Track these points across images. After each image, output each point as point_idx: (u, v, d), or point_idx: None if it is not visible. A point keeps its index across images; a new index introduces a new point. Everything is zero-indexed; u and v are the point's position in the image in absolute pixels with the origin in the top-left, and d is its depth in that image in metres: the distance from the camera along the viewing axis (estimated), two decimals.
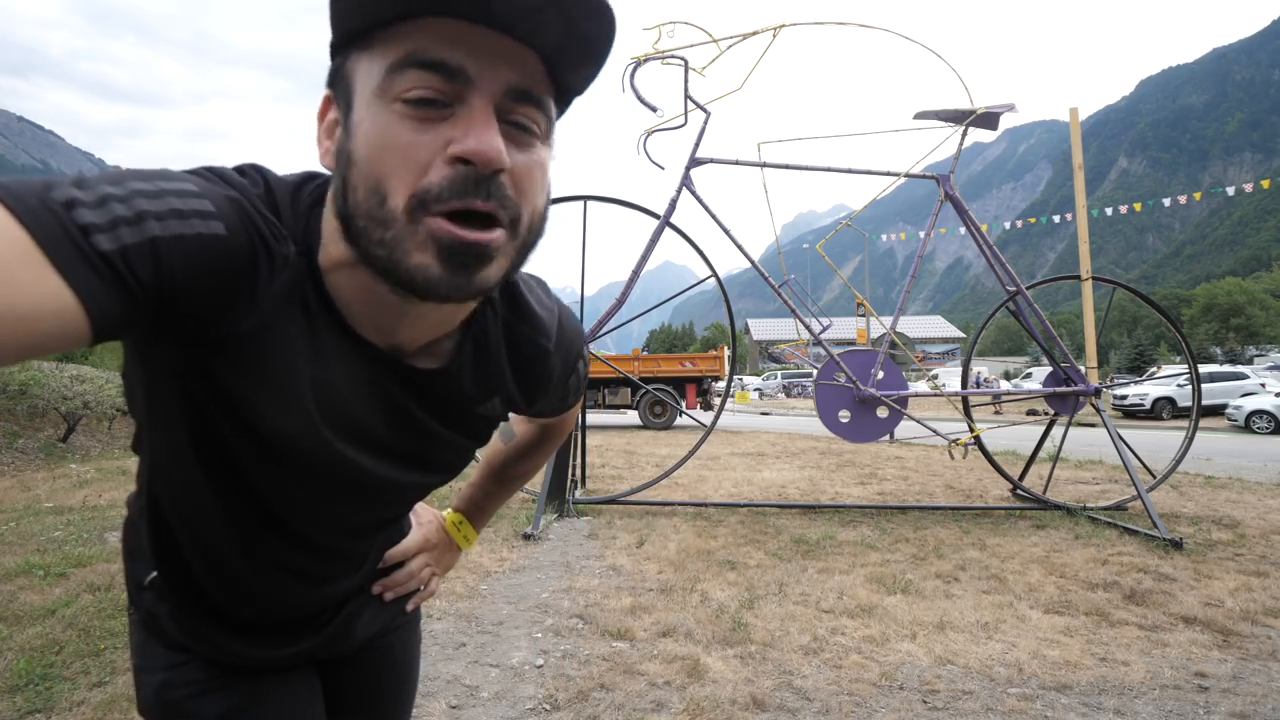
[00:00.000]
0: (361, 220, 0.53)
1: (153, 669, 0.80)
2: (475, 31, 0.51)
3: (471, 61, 0.52)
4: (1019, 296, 6.26)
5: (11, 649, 2.95)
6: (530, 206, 0.57)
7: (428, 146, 0.52)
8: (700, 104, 5.71)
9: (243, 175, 0.59)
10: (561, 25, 0.52)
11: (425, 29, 0.51)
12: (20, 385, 10.01)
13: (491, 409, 0.77)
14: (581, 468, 7.15)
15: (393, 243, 0.53)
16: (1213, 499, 6.64)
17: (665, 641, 3.16)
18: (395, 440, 0.71)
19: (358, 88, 0.54)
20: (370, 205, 0.52)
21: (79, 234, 0.43)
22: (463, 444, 0.78)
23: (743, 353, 70.73)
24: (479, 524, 1.08)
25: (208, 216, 0.50)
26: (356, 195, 0.53)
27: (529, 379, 0.78)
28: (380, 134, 0.52)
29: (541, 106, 0.56)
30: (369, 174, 0.52)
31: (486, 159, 0.51)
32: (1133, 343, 49.71)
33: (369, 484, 0.71)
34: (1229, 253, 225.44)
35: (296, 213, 0.60)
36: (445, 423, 0.73)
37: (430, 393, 0.69)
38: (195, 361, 0.59)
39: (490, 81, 0.52)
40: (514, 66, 0.53)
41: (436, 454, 0.76)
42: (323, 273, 0.60)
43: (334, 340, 0.62)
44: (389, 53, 0.52)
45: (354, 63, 0.54)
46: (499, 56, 0.53)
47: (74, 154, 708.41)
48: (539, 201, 0.58)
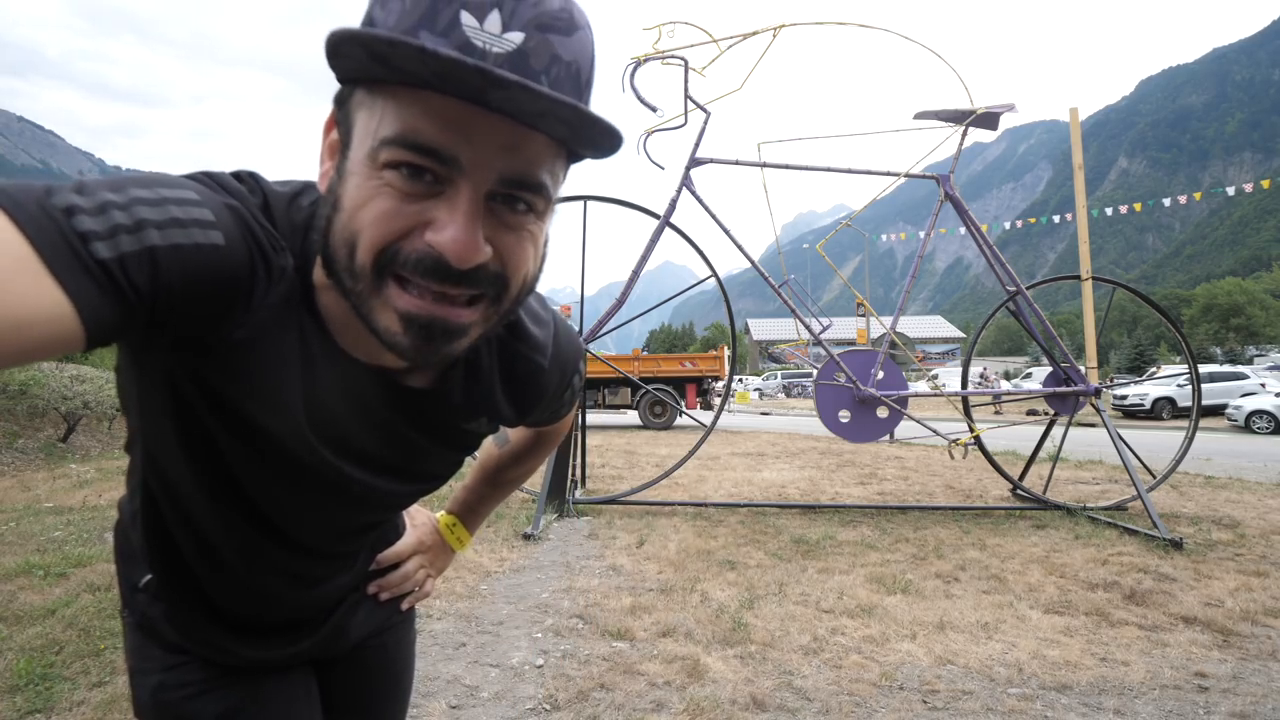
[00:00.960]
0: (336, 265, 0.54)
1: (148, 671, 0.80)
2: (477, 114, 0.49)
3: (466, 148, 0.50)
4: (1019, 296, 6.26)
5: (11, 649, 2.95)
6: (519, 278, 0.57)
7: (408, 217, 0.51)
8: (700, 104, 5.71)
9: (240, 182, 0.59)
10: (563, 128, 0.51)
11: (426, 102, 0.49)
12: (20, 385, 10.02)
13: (480, 425, 0.77)
14: (581, 468, 7.15)
15: (361, 296, 0.53)
16: (1213, 499, 6.64)
17: (665, 641, 3.16)
18: (382, 453, 0.71)
19: (356, 130, 0.53)
20: (343, 255, 0.53)
21: (78, 241, 0.43)
22: (450, 456, 0.79)
23: (743, 353, 70.72)
24: (472, 526, 1.08)
25: (207, 226, 0.50)
26: (334, 240, 0.53)
27: (522, 396, 0.78)
28: (364, 195, 0.51)
29: (539, 190, 0.54)
30: (346, 225, 0.52)
31: (459, 257, 0.51)
32: (1133, 343, 49.72)
33: (355, 492, 0.72)
34: (1229, 253, 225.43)
35: (292, 224, 0.60)
36: (432, 438, 0.73)
37: (418, 410, 0.70)
38: (188, 366, 0.59)
39: (483, 170, 0.51)
40: (512, 151, 0.52)
41: (424, 466, 0.77)
42: (315, 289, 0.61)
43: (325, 353, 0.62)
44: (387, 118, 0.50)
45: (358, 100, 0.53)
46: (497, 142, 0.51)
47: (74, 154, 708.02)
48: (527, 271, 0.58)
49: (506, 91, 0.46)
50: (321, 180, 0.57)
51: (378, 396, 0.66)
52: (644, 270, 6.13)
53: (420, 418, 0.71)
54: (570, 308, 15.12)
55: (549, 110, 0.48)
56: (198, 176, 0.56)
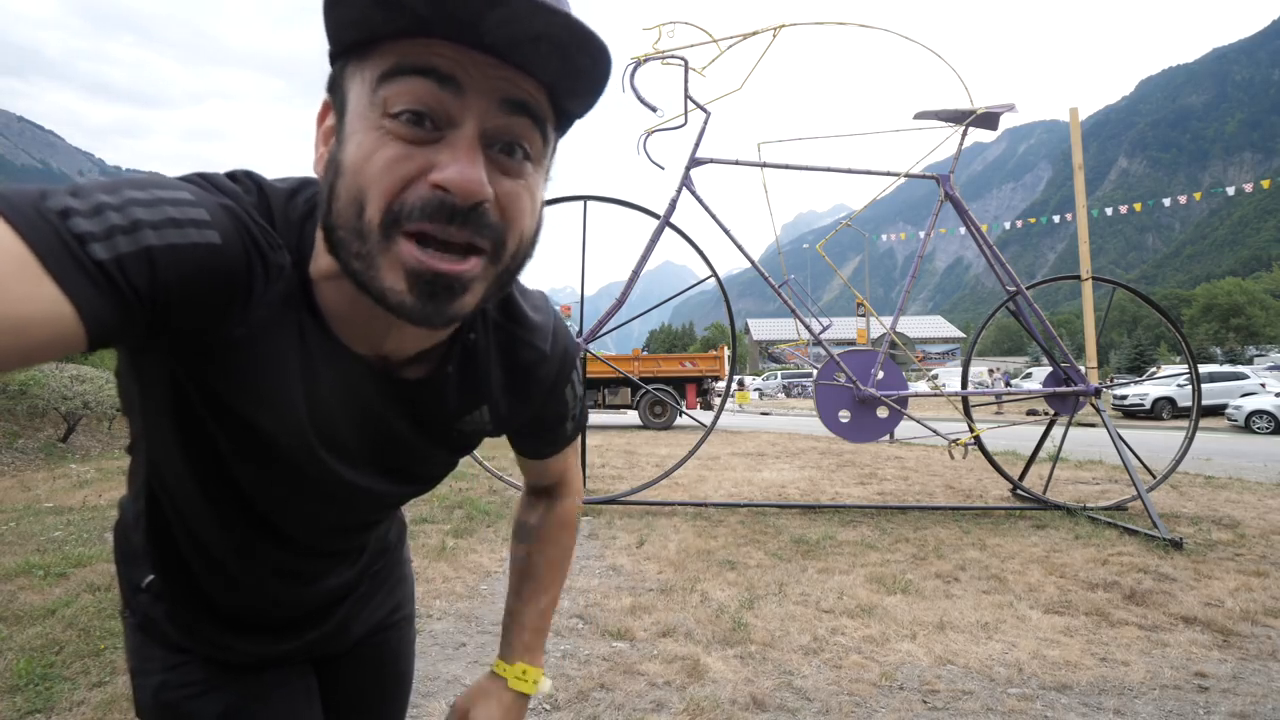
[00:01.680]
0: (341, 231, 0.53)
1: (150, 671, 0.81)
2: (470, 53, 0.51)
3: (463, 72, 0.51)
4: (1019, 296, 6.26)
5: (11, 649, 2.95)
6: (517, 232, 0.56)
7: (411, 165, 0.51)
8: (700, 104, 5.71)
9: (235, 181, 0.59)
10: (556, 59, 0.52)
11: (420, 45, 0.51)
12: (20, 385, 10.02)
13: (476, 421, 0.76)
14: (582, 468, 7.14)
15: (367, 257, 0.53)
16: (1213, 499, 6.64)
17: (665, 641, 3.16)
18: (380, 451, 0.71)
19: (352, 97, 0.53)
20: (349, 215, 0.52)
21: (75, 243, 0.43)
22: (446, 456, 0.78)
23: (743, 353, 70.72)
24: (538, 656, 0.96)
25: (203, 225, 0.50)
26: (339, 204, 0.53)
27: (522, 384, 0.77)
28: (367, 147, 0.52)
29: (537, 121, 0.55)
30: (352, 184, 0.52)
31: (466, 191, 0.51)
32: (1133, 343, 49.73)
33: (348, 490, 0.72)
34: (1229, 253, 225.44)
35: (289, 221, 0.60)
36: (430, 435, 0.73)
37: (414, 404, 0.69)
38: (188, 365, 0.59)
39: (483, 92, 0.52)
40: (509, 85, 0.53)
41: (415, 466, 0.76)
42: (313, 283, 0.61)
43: (324, 349, 0.62)
44: (382, 62, 0.52)
45: (351, 71, 0.54)
46: (492, 77, 0.52)
47: (74, 154, 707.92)
48: (526, 227, 0.57)
49: (504, 8, 0.47)
50: (317, 164, 0.57)
51: (378, 390, 0.66)
52: (644, 270, 6.13)
53: (417, 412, 0.70)
54: (570, 308, 15.11)
55: (544, 30, 0.49)
56: (192, 178, 0.56)
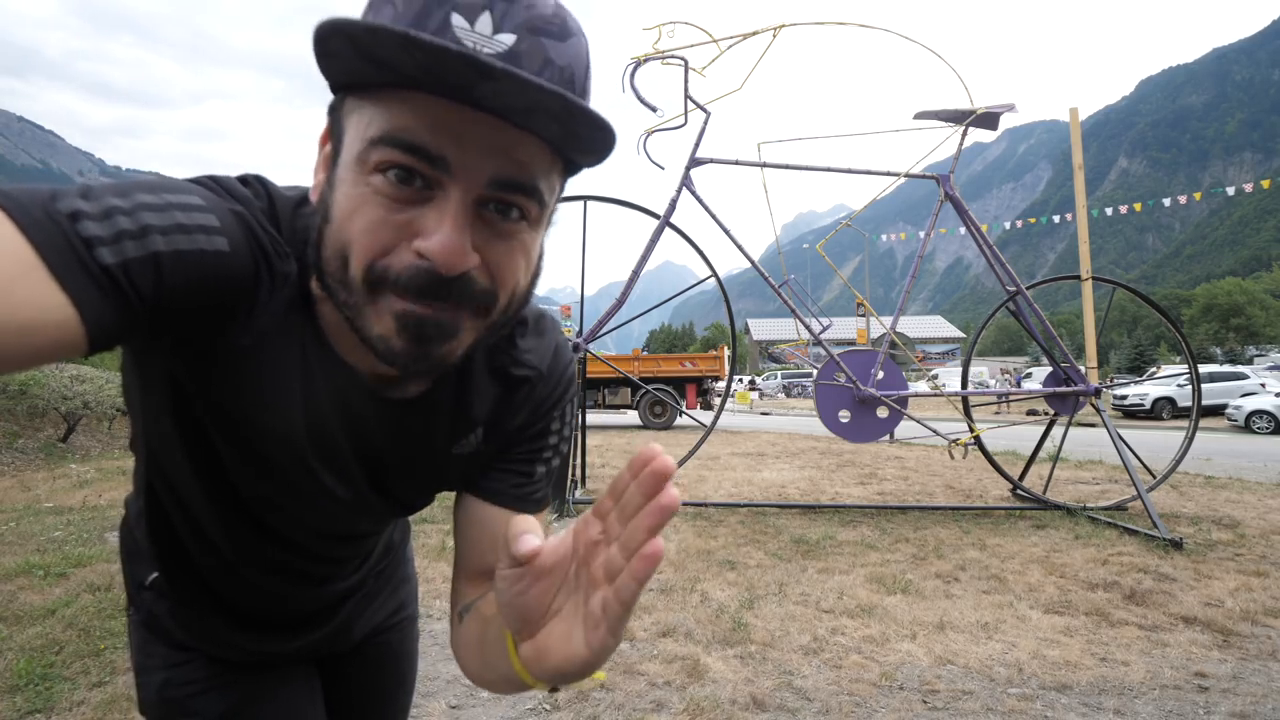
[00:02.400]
0: (329, 278, 0.53)
1: (154, 669, 0.81)
2: (466, 115, 0.48)
3: (455, 149, 0.49)
4: (1019, 296, 6.26)
5: (11, 649, 2.95)
6: (507, 292, 0.55)
7: (396, 228, 0.50)
8: (700, 104, 5.71)
9: (247, 186, 0.59)
10: (555, 125, 0.49)
11: (414, 102, 0.48)
12: (20, 385, 10.02)
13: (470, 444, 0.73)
14: (581, 468, 7.15)
15: (355, 308, 0.52)
16: (1213, 499, 6.64)
17: (665, 641, 3.16)
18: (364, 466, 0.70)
19: (347, 138, 0.52)
20: (335, 266, 0.52)
21: (82, 246, 0.43)
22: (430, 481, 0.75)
23: (743, 353, 70.73)
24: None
25: (211, 232, 0.50)
26: (326, 251, 0.53)
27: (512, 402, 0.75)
28: (354, 201, 0.50)
29: (532, 193, 0.53)
30: (338, 237, 0.52)
31: (448, 263, 0.49)
32: (1133, 343, 49.75)
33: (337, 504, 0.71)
34: (1229, 253, 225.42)
35: (295, 230, 0.60)
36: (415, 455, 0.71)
37: (405, 422, 0.68)
38: (189, 368, 0.59)
39: (472, 173, 0.50)
40: (503, 154, 0.50)
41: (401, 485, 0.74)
42: (315, 298, 0.60)
43: (318, 360, 0.62)
44: (376, 119, 0.50)
45: (349, 107, 0.52)
46: (488, 144, 0.50)
47: (74, 154, 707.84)
48: (517, 284, 0.56)
49: (495, 84, 0.45)
50: (314, 192, 0.56)
51: (371, 406, 0.66)
52: (644, 270, 6.13)
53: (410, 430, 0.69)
54: (570, 308, 15.11)
55: (539, 104, 0.47)
56: (203, 181, 0.56)
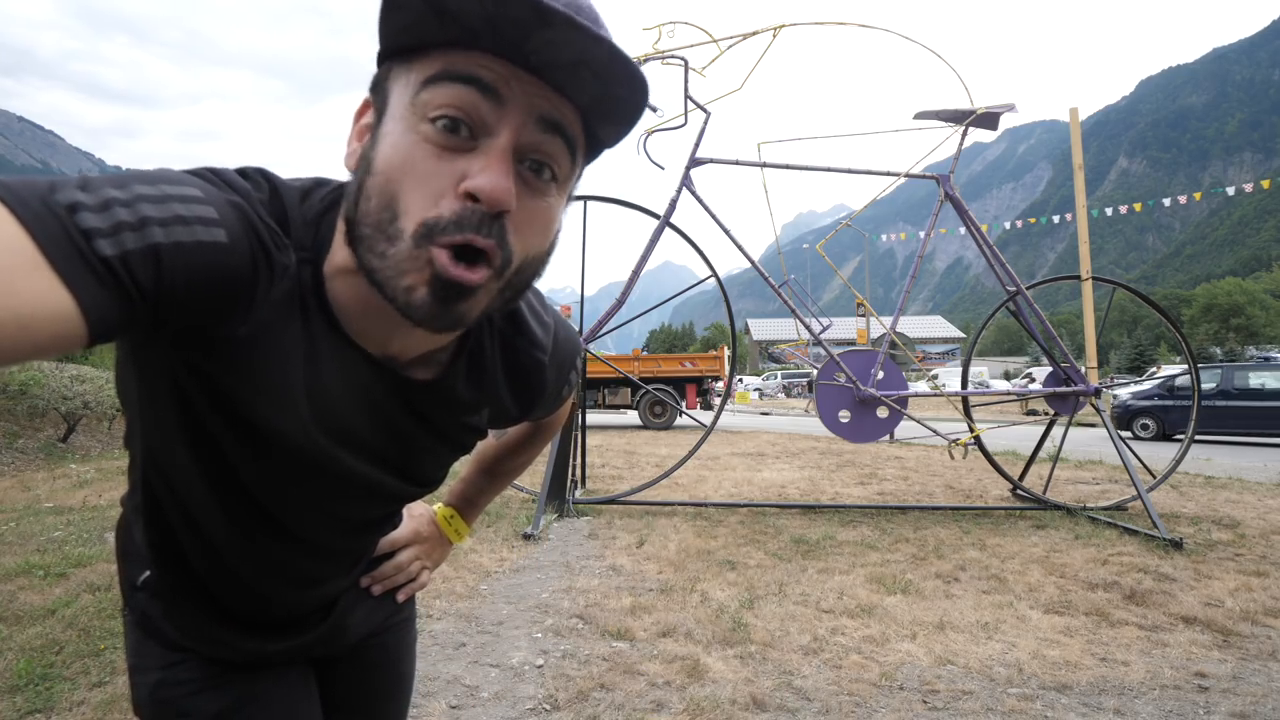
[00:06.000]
0: (367, 228, 0.54)
1: (148, 668, 0.80)
2: (512, 68, 0.53)
3: (505, 85, 0.53)
4: (1019, 296, 6.26)
5: (11, 649, 2.95)
6: (524, 251, 0.57)
7: (444, 177, 0.53)
8: (700, 104, 5.71)
9: (246, 178, 0.59)
10: (595, 85, 0.54)
11: (465, 55, 0.53)
12: (20, 385, 10.01)
13: (480, 421, 0.78)
14: (581, 468, 7.15)
15: (393, 259, 0.53)
16: (1213, 499, 6.64)
17: (665, 641, 3.16)
18: (383, 448, 0.71)
19: (393, 99, 0.55)
20: (381, 218, 0.53)
21: (81, 238, 0.43)
22: (446, 456, 0.79)
23: (743, 353, 70.72)
24: (470, 518, 1.09)
25: (210, 223, 0.50)
26: (369, 203, 0.54)
27: (524, 391, 0.79)
28: (403, 153, 0.53)
29: (569, 143, 0.57)
30: (384, 187, 0.53)
31: (494, 199, 0.52)
32: (1133, 343, 49.75)
33: (352, 485, 0.72)
34: (1229, 253, 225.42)
35: (305, 218, 0.61)
36: (431, 433, 0.74)
37: (421, 403, 0.70)
38: (189, 361, 0.59)
39: (521, 108, 0.54)
40: (547, 100, 0.55)
41: (418, 463, 0.77)
42: (326, 278, 0.61)
43: (330, 345, 0.62)
44: (428, 67, 0.54)
45: (396, 73, 0.56)
46: (533, 89, 0.54)
47: (74, 154, 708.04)
48: (537, 246, 0.58)
49: (552, 32, 0.49)
50: (349, 160, 0.58)
51: (382, 388, 0.67)
52: (644, 270, 6.13)
53: (424, 411, 0.71)
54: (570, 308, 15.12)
55: (587, 56, 0.51)
56: (202, 173, 0.56)
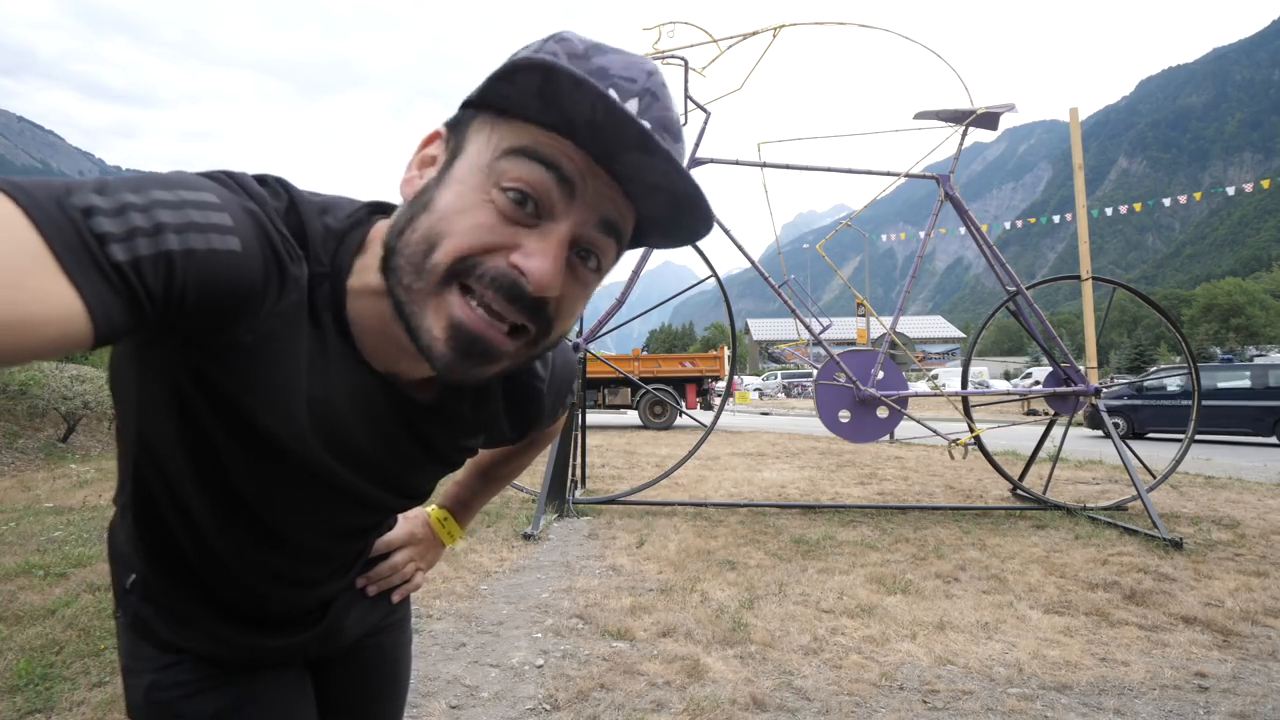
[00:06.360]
0: (402, 259, 0.55)
1: (141, 670, 0.80)
2: (594, 167, 0.54)
3: (581, 180, 0.54)
4: (1019, 296, 6.26)
5: (11, 649, 2.95)
6: (562, 327, 0.60)
7: (500, 235, 0.54)
8: (700, 104, 5.71)
9: (264, 185, 0.59)
10: (666, 208, 0.56)
11: (554, 139, 0.53)
12: (20, 385, 10.01)
13: (475, 443, 0.80)
14: (581, 468, 7.15)
15: (418, 292, 0.55)
16: (1213, 499, 6.64)
17: (665, 641, 3.16)
18: (375, 459, 0.72)
19: (470, 149, 0.56)
20: (416, 251, 0.54)
21: (94, 243, 0.43)
22: (437, 470, 0.80)
23: (743, 353, 70.72)
24: (464, 521, 1.10)
25: (225, 231, 0.50)
26: (412, 235, 0.55)
27: (522, 417, 0.82)
28: (467, 203, 0.54)
29: (620, 242, 0.59)
30: (433, 226, 0.54)
31: (541, 285, 0.53)
32: (1133, 343, 49.74)
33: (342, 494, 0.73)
34: (1229, 253, 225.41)
35: (328, 232, 0.61)
36: (427, 451, 0.75)
37: (421, 423, 0.71)
38: (191, 364, 0.59)
39: (590, 205, 0.55)
40: (615, 204, 0.57)
41: (409, 478, 0.78)
42: (349, 294, 0.62)
43: (338, 359, 0.63)
44: (514, 137, 0.54)
45: (479, 125, 0.56)
46: (603, 195, 0.56)
47: (74, 154, 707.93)
48: (569, 324, 0.61)
49: (643, 158, 0.52)
50: (406, 186, 0.59)
51: (384, 405, 0.68)
52: (644, 270, 6.13)
53: (423, 430, 0.72)
54: None
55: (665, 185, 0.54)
56: (218, 177, 0.56)
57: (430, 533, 1.05)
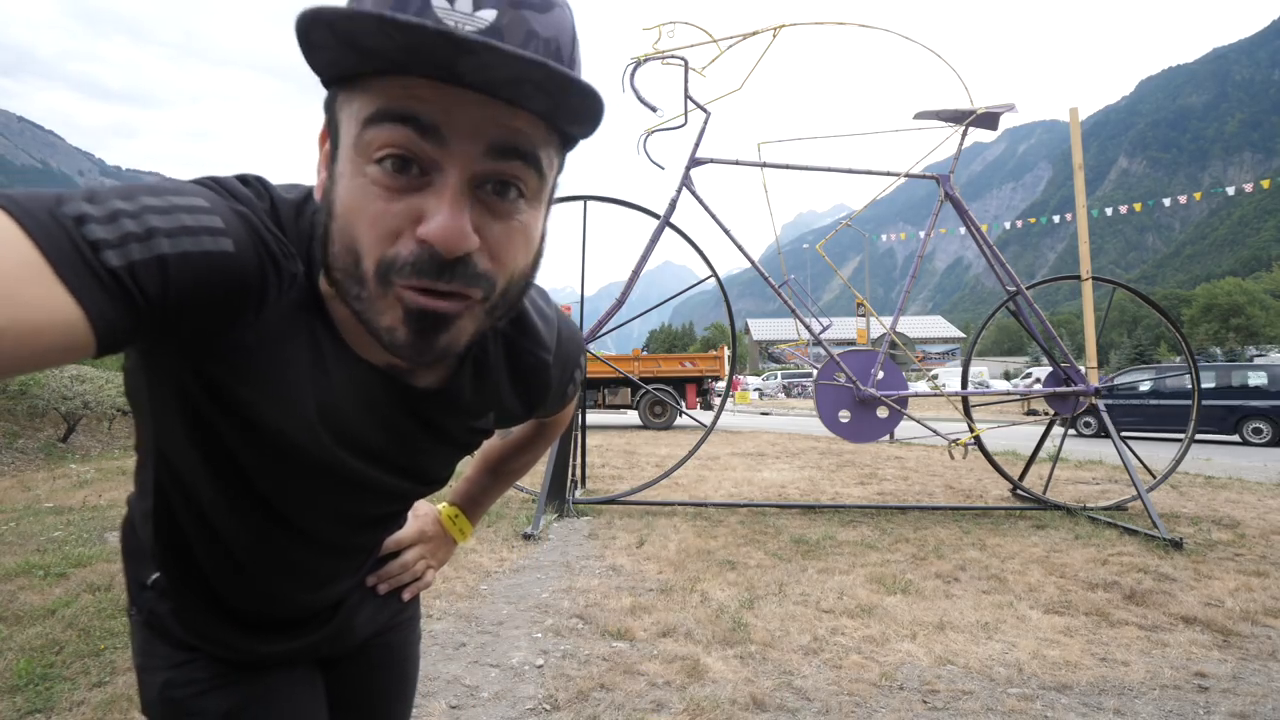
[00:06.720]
0: (338, 273, 0.54)
1: (156, 668, 0.81)
2: (454, 92, 0.49)
3: (446, 118, 0.49)
4: (1019, 296, 6.26)
5: (11, 649, 2.95)
6: (508, 273, 0.56)
7: (398, 217, 0.51)
8: (700, 104, 5.71)
9: (247, 186, 0.59)
10: (543, 98, 0.50)
11: (403, 84, 0.49)
12: (20, 385, 10.02)
13: (486, 423, 0.79)
14: (581, 468, 7.15)
15: (366, 302, 0.53)
16: (1213, 499, 6.64)
17: (665, 641, 3.16)
18: (387, 450, 0.72)
19: (342, 132, 0.53)
20: (346, 263, 0.53)
21: (89, 250, 0.44)
22: (451, 455, 0.80)
23: (743, 353, 70.73)
24: (474, 517, 1.09)
25: (217, 233, 0.50)
26: (334, 248, 0.54)
27: (528, 391, 0.80)
28: (356, 197, 0.51)
29: (531, 160, 0.53)
30: (344, 232, 0.52)
31: (449, 246, 0.50)
32: (1133, 343, 49.72)
33: (360, 485, 0.73)
34: (1229, 253, 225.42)
35: (300, 232, 0.61)
36: (437, 437, 0.75)
37: (426, 409, 0.71)
38: (197, 368, 0.59)
39: (467, 138, 0.50)
40: (496, 124, 0.51)
41: (426, 465, 0.78)
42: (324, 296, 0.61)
43: (336, 355, 0.63)
44: (366, 103, 0.50)
45: (341, 101, 0.53)
46: (479, 115, 0.50)
47: (74, 154, 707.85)
48: (519, 265, 0.57)
49: (476, 58, 0.45)
50: (317, 191, 0.57)
51: (388, 397, 0.68)
52: (644, 270, 6.13)
53: (429, 417, 0.72)
54: (570, 308, 15.14)
55: (523, 75, 0.47)
56: (205, 182, 0.56)
57: (441, 530, 1.04)
